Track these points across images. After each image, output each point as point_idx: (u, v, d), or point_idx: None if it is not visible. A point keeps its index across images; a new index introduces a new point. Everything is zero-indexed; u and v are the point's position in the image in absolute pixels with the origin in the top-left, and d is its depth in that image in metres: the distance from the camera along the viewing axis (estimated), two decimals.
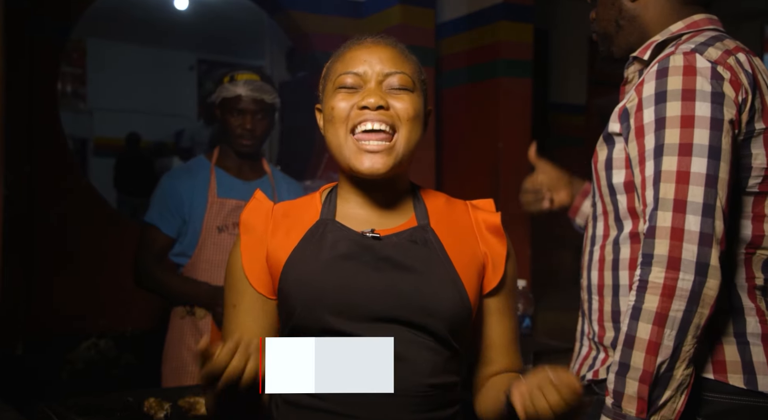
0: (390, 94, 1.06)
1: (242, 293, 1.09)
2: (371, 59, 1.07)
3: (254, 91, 2.21)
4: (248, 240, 1.10)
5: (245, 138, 2.24)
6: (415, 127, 1.07)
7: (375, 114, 1.03)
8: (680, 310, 1.15)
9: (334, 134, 1.07)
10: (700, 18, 1.35)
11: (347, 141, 1.05)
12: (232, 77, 2.25)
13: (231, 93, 2.22)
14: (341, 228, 1.08)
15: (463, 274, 1.06)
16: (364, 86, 1.07)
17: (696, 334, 1.16)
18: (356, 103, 1.05)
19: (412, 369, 1.02)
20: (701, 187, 1.16)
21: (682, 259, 1.15)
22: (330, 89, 1.10)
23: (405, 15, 3.68)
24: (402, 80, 1.07)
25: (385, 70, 1.07)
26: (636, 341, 1.17)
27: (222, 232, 2.24)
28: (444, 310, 1.03)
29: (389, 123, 1.04)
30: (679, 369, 1.16)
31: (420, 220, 1.11)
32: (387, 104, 1.04)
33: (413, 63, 1.12)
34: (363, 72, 1.07)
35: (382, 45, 1.10)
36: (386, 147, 1.04)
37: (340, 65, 1.10)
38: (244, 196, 2.24)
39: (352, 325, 1.01)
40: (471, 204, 1.18)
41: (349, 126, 1.05)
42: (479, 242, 1.13)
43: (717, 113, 1.18)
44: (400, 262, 1.05)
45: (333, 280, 1.03)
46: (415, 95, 1.08)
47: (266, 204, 1.13)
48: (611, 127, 1.34)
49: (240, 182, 2.31)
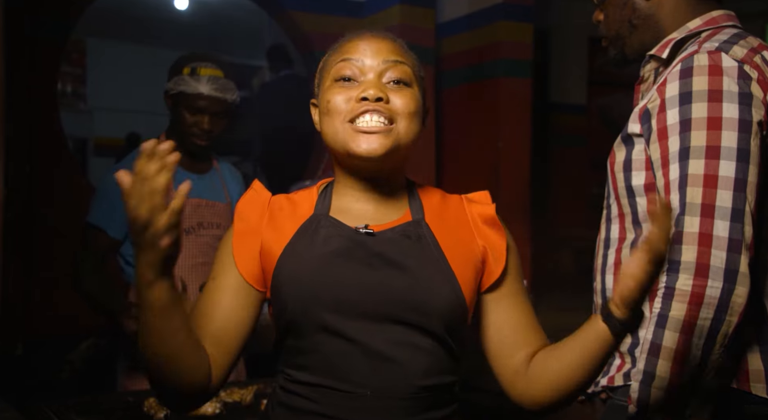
0: (389, 88, 1.03)
1: (227, 271, 1.07)
2: (370, 49, 1.05)
3: (217, 90, 2.03)
4: (241, 228, 1.09)
5: (201, 138, 2.05)
6: (414, 122, 1.05)
7: (374, 105, 1.01)
8: (708, 318, 1.11)
9: (330, 125, 1.04)
10: (717, 14, 1.31)
11: (345, 128, 1.02)
12: (193, 70, 2.04)
13: (191, 89, 2.01)
14: (335, 223, 1.06)
15: (457, 270, 1.05)
16: (362, 78, 1.04)
17: (724, 343, 1.12)
18: (355, 96, 1.02)
19: (405, 371, 1.00)
20: (730, 191, 1.12)
21: (710, 265, 1.11)
22: (327, 81, 1.07)
23: (405, 15, 3.68)
24: (402, 72, 1.05)
25: (385, 59, 1.04)
26: (662, 350, 1.13)
27: (189, 234, 2.07)
28: (438, 307, 1.01)
29: (387, 116, 1.02)
30: (706, 379, 1.13)
31: (415, 215, 1.09)
32: (386, 97, 1.02)
33: (412, 58, 1.09)
34: (361, 61, 1.04)
35: (381, 37, 1.08)
36: (384, 128, 1.01)
37: (337, 55, 1.07)
38: (201, 192, 2.11)
39: (344, 322, 1.00)
40: (466, 198, 1.16)
41: (347, 118, 1.02)
42: (476, 236, 1.10)
43: (745, 114, 1.14)
44: (393, 258, 1.03)
45: (324, 277, 1.01)
46: (415, 90, 1.06)
47: (263, 195, 1.11)
48: (630, 128, 1.29)
49: (195, 177, 2.11)
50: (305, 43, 3.92)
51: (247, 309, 1.08)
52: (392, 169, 1.08)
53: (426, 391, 1.02)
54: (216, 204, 2.14)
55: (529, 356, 1.10)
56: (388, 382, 1.00)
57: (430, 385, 1.02)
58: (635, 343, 1.29)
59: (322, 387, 1.01)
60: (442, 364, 1.04)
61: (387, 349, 1.00)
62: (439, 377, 1.04)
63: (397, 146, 1.03)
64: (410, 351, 1.01)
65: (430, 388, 1.02)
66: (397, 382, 1.00)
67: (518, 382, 1.09)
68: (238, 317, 1.07)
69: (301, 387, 1.03)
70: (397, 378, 1.00)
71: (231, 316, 1.06)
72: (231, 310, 1.06)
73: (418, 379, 1.01)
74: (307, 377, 1.02)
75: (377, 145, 1.01)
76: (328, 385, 1.01)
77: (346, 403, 1.00)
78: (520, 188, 3.81)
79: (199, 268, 2.08)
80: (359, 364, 1.00)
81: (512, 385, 1.09)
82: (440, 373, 1.04)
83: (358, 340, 1.00)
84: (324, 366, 1.01)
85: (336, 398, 1.00)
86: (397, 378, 1.00)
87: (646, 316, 1.27)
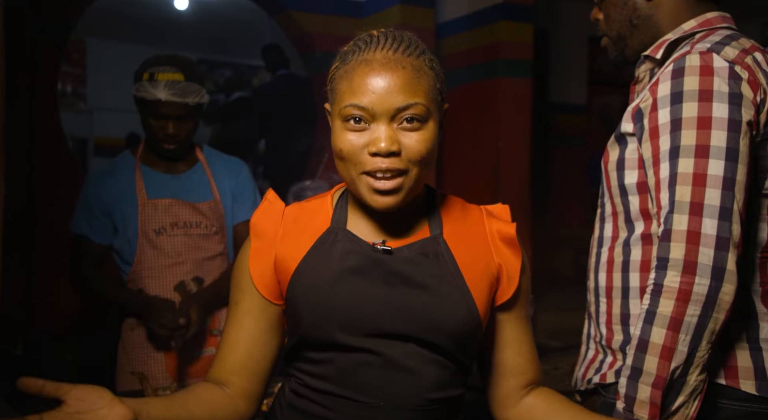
0: (402, 131, 0.98)
1: (245, 293, 1.08)
2: (380, 90, 0.97)
3: (176, 95, 1.97)
4: (258, 245, 1.08)
5: (168, 142, 2.04)
6: (429, 163, 1.01)
7: (387, 162, 0.97)
8: (695, 315, 1.13)
9: (345, 171, 1.02)
10: (713, 16, 1.33)
11: (360, 179, 1.00)
12: (151, 75, 1.98)
13: (150, 95, 1.97)
14: (352, 239, 1.05)
15: (473, 288, 1.04)
16: (372, 122, 0.98)
17: (711, 340, 1.14)
18: (367, 147, 0.98)
19: (418, 383, 1.01)
20: (718, 189, 1.14)
21: (698, 263, 1.13)
22: (336, 117, 1.01)
23: (405, 15, 3.68)
24: (415, 112, 0.98)
25: (396, 104, 0.97)
26: (649, 346, 1.15)
27: (160, 235, 2.06)
28: (452, 326, 1.01)
29: (400, 168, 0.99)
30: (692, 374, 1.14)
31: (433, 231, 1.08)
32: (399, 148, 0.97)
33: (427, 78, 1.00)
34: (372, 107, 0.97)
35: (392, 67, 0.98)
36: (398, 184, 0.98)
37: (347, 89, 0.99)
38: (176, 192, 2.09)
39: (359, 340, 1.00)
40: (486, 210, 1.14)
41: (360, 170, 0.99)
42: (493, 253, 1.09)
43: (735, 114, 1.16)
44: (410, 277, 1.02)
45: (341, 295, 1.01)
46: (430, 125, 1.00)
47: (278, 206, 1.10)
48: (624, 127, 1.31)
49: (169, 177, 2.11)
50: (305, 43, 3.92)
51: (271, 330, 1.09)
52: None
53: (435, 404, 1.02)
54: (192, 204, 2.10)
55: (522, 386, 1.13)
56: (400, 394, 1.00)
57: (440, 397, 1.03)
58: (627, 340, 1.30)
59: (335, 396, 1.02)
60: (453, 376, 1.05)
61: (401, 361, 1.00)
62: (449, 390, 1.04)
63: (412, 191, 1.02)
64: (423, 363, 1.01)
65: (440, 401, 1.03)
66: (409, 393, 1.00)
67: (506, 410, 1.13)
68: (263, 341, 1.08)
69: (314, 393, 1.03)
70: (409, 389, 1.00)
71: (256, 342, 1.08)
72: (255, 336, 1.08)
73: (429, 391, 1.01)
74: (320, 384, 1.03)
75: (393, 202, 1.00)
76: (341, 394, 1.01)
77: (358, 412, 1.00)
78: (520, 188, 3.81)
79: (174, 268, 2.07)
80: (373, 375, 1.00)
81: (499, 408, 1.14)
82: (450, 385, 1.05)
83: (373, 352, 1.00)
84: (337, 375, 1.01)
85: (349, 407, 1.01)
86: (409, 389, 1.00)
87: (634, 314, 1.29)
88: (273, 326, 1.09)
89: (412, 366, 1.00)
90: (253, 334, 1.07)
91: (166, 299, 2.02)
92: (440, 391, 1.02)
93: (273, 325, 1.09)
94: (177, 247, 2.08)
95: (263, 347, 1.08)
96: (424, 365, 1.01)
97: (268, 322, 1.08)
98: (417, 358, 1.01)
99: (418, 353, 1.01)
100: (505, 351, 1.13)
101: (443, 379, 1.03)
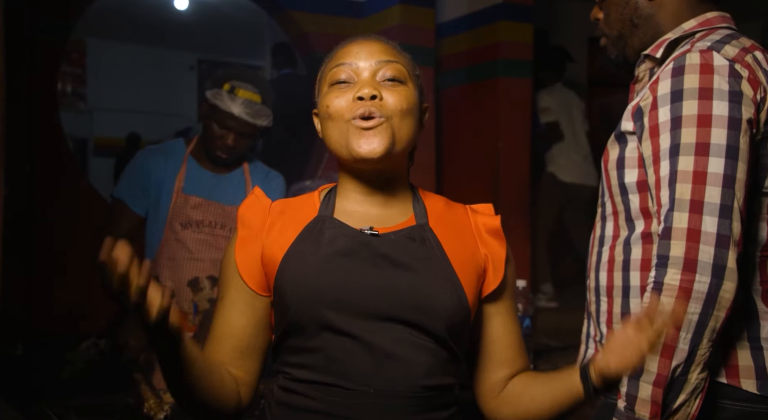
0: (383, 86, 1.06)
1: (231, 286, 1.09)
2: (362, 51, 1.08)
3: (249, 115, 2.09)
4: (244, 235, 1.10)
5: (223, 151, 2.14)
6: (409, 118, 1.06)
7: (370, 104, 1.03)
8: (696, 313, 1.13)
9: (333, 128, 1.06)
10: (713, 16, 1.33)
11: (348, 127, 1.04)
12: (232, 88, 2.09)
13: (225, 106, 2.07)
14: (339, 225, 1.07)
15: (461, 275, 1.06)
16: (357, 79, 1.07)
17: (711, 338, 1.14)
18: (351, 96, 1.05)
19: (408, 369, 1.01)
20: (718, 187, 1.14)
21: (698, 261, 1.13)
22: (324, 87, 1.10)
23: (405, 15, 3.68)
24: (395, 70, 1.07)
25: (378, 60, 1.07)
26: None
27: (186, 229, 2.15)
28: (441, 309, 1.02)
29: (383, 113, 1.04)
30: (693, 373, 1.14)
31: (419, 219, 1.10)
32: (380, 95, 1.04)
33: (406, 57, 1.12)
34: (355, 64, 1.07)
35: (373, 39, 1.11)
36: (380, 122, 1.03)
37: (332, 62, 1.10)
38: (212, 190, 2.18)
39: (348, 322, 1.00)
40: (470, 208, 1.17)
41: (346, 118, 1.04)
42: (479, 244, 1.12)
43: (735, 112, 1.16)
44: (397, 259, 1.04)
45: (330, 276, 1.02)
46: (409, 88, 1.08)
47: (264, 201, 1.13)
48: (624, 126, 1.31)
49: (209, 174, 2.20)
50: (305, 43, 3.92)
51: (259, 322, 1.10)
52: (394, 169, 1.10)
53: (428, 391, 1.02)
54: (222, 205, 2.19)
55: (508, 377, 1.14)
56: (390, 380, 1.00)
57: (431, 385, 1.03)
58: None
59: (324, 384, 1.01)
60: (444, 364, 1.05)
61: (390, 347, 1.00)
62: (441, 378, 1.04)
63: (394, 141, 1.04)
64: (413, 349, 1.02)
65: (432, 388, 1.03)
66: (400, 380, 1.00)
67: (491, 400, 1.15)
68: (252, 332, 1.09)
69: (302, 385, 1.03)
70: (399, 376, 1.00)
71: (245, 334, 1.09)
72: (244, 328, 1.09)
73: (420, 378, 1.01)
74: (308, 375, 1.03)
75: (376, 143, 1.02)
76: (330, 382, 1.01)
77: (347, 400, 1.00)
78: (520, 188, 3.81)
79: (192, 263, 2.15)
80: (362, 362, 1.00)
81: (485, 400, 1.16)
82: (442, 373, 1.05)
83: (362, 338, 1.00)
84: (326, 364, 1.01)
85: (337, 396, 1.00)
86: (400, 376, 1.00)
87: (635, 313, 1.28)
88: (259, 320, 1.09)
89: (402, 352, 1.01)
90: (243, 326, 1.08)
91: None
92: (432, 377, 1.03)
93: (259, 319, 1.09)
94: (199, 244, 2.16)
95: (253, 339, 1.09)
96: (414, 351, 1.01)
97: (254, 316, 1.09)
98: (406, 344, 1.01)
99: (407, 339, 1.01)
100: (494, 343, 1.14)
101: (434, 365, 1.03)
